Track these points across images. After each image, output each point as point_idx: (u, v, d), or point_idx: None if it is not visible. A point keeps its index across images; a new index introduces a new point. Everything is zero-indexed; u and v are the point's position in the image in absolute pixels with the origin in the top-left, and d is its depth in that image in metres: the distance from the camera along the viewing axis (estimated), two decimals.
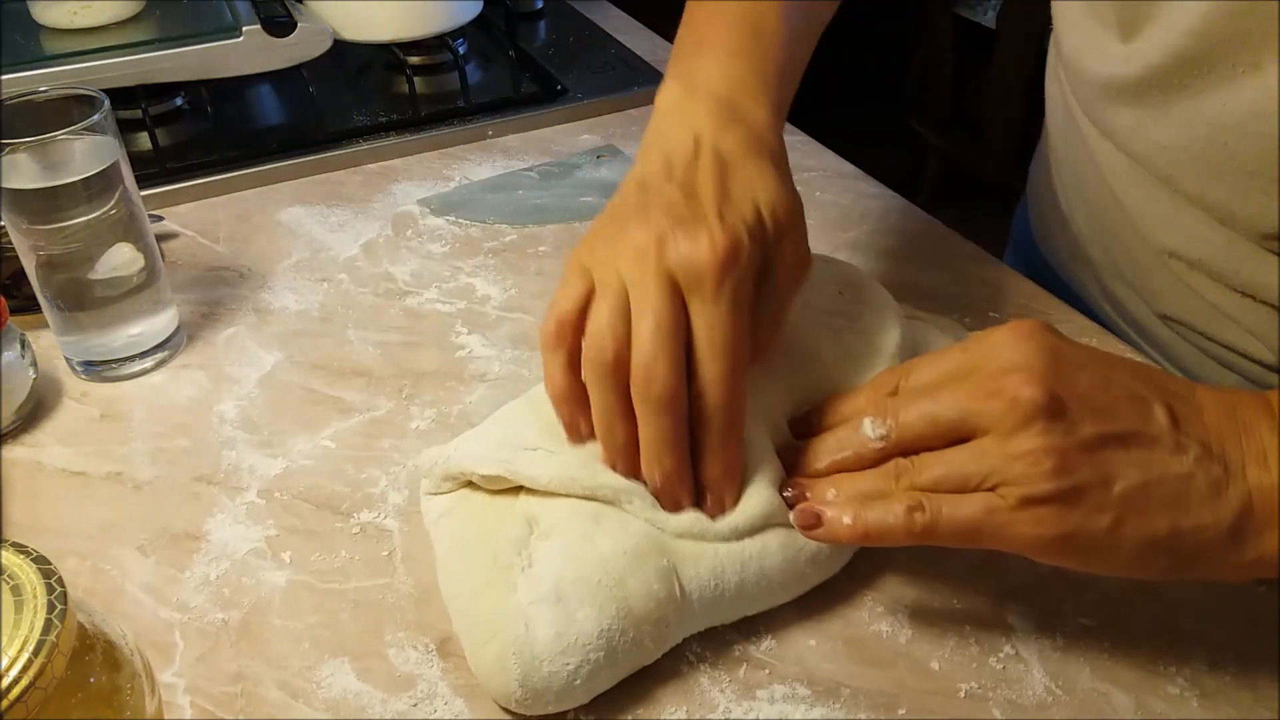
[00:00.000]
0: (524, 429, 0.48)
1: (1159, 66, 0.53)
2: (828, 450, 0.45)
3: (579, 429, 0.46)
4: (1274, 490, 0.39)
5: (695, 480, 0.45)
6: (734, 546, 0.45)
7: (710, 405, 0.43)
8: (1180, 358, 0.64)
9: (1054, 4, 0.65)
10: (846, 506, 0.42)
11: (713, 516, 0.44)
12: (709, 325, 0.42)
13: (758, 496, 0.45)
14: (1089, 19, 0.59)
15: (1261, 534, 0.39)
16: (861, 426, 0.44)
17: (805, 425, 0.48)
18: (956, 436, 0.41)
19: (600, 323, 0.43)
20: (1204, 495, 0.39)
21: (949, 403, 0.41)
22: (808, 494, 0.45)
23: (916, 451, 0.42)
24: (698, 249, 0.42)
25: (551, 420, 0.47)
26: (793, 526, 0.45)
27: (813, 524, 0.43)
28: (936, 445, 0.42)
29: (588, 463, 0.45)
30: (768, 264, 0.45)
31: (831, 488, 0.44)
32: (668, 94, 0.51)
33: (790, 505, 0.45)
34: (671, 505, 0.44)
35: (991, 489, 0.40)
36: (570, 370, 0.44)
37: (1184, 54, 0.51)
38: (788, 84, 0.52)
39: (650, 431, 0.43)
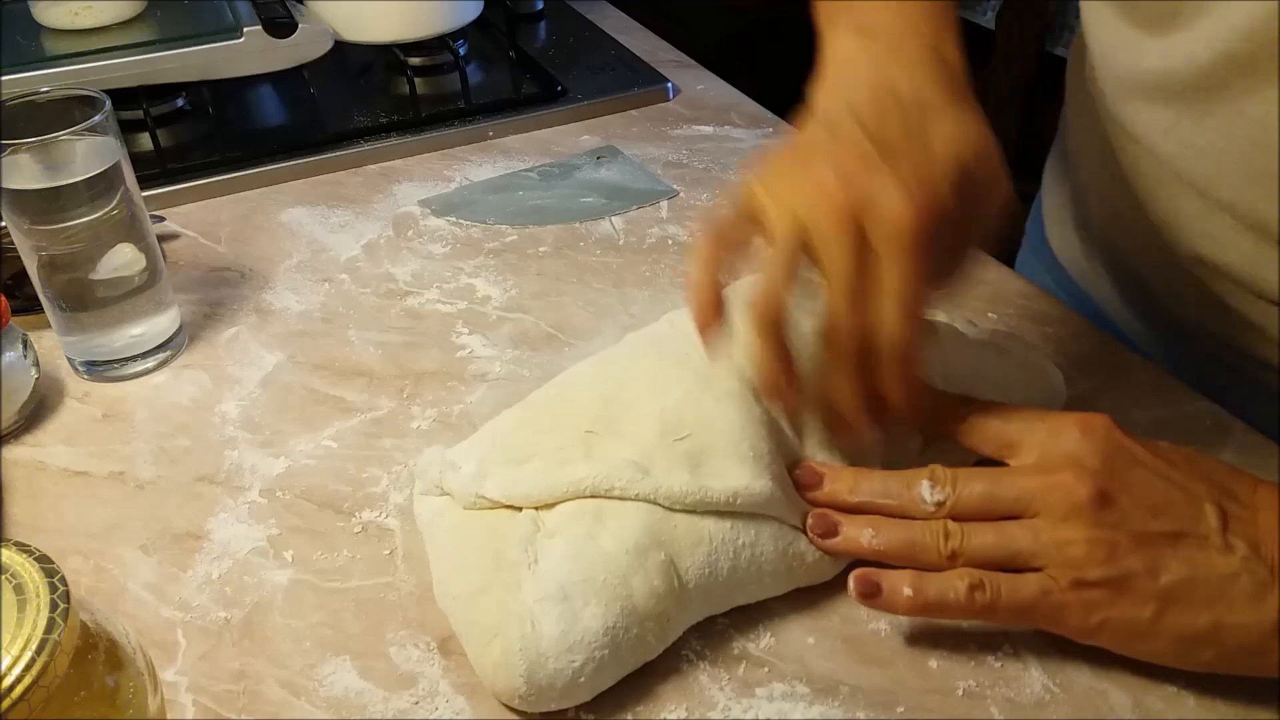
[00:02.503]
0: (517, 436, 0.48)
1: (1203, 64, 0.50)
2: (871, 489, 0.45)
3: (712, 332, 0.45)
4: None
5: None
6: (728, 534, 0.45)
7: (889, 356, 0.42)
8: (1190, 367, 0.63)
9: (1082, 8, 0.63)
10: (905, 578, 0.43)
11: (904, 437, 0.45)
12: (898, 286, 0.41)
13: (760, 482, 0.45)
14: (1116, 15, 0.57)
15: None
16: (919, 487, 0.44)
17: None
18: (1008, 516, 0.43)
19: (772, 275, 0.43)
20: (1248, 595, 0.40)
21: (1008, 484, 0.43)
22: (841, 528, 0.45)
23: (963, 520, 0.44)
24: (894, 210, 0.40)
25: (549, 423, 0.47)
26: (787, 524, 0.46)
27: (872, 592, 0.43)
28: (985, 520, 0.43)
29: (570, 463, 0.46)
30: (966, 218, 0.43)
31: (869, 528, 0.45)
32: (842, 43, 0.47)
33: (817, 534, 0.45)
34: (851, 430, 0.45)
35: (1038, 569, 0.41)
36: (711, 282, 0.45)
37: (1231, 53, 0.49)
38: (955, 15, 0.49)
39: (839, 385, 0.44)
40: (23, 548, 0.34)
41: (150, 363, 0.63)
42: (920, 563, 0.44)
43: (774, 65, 0.60)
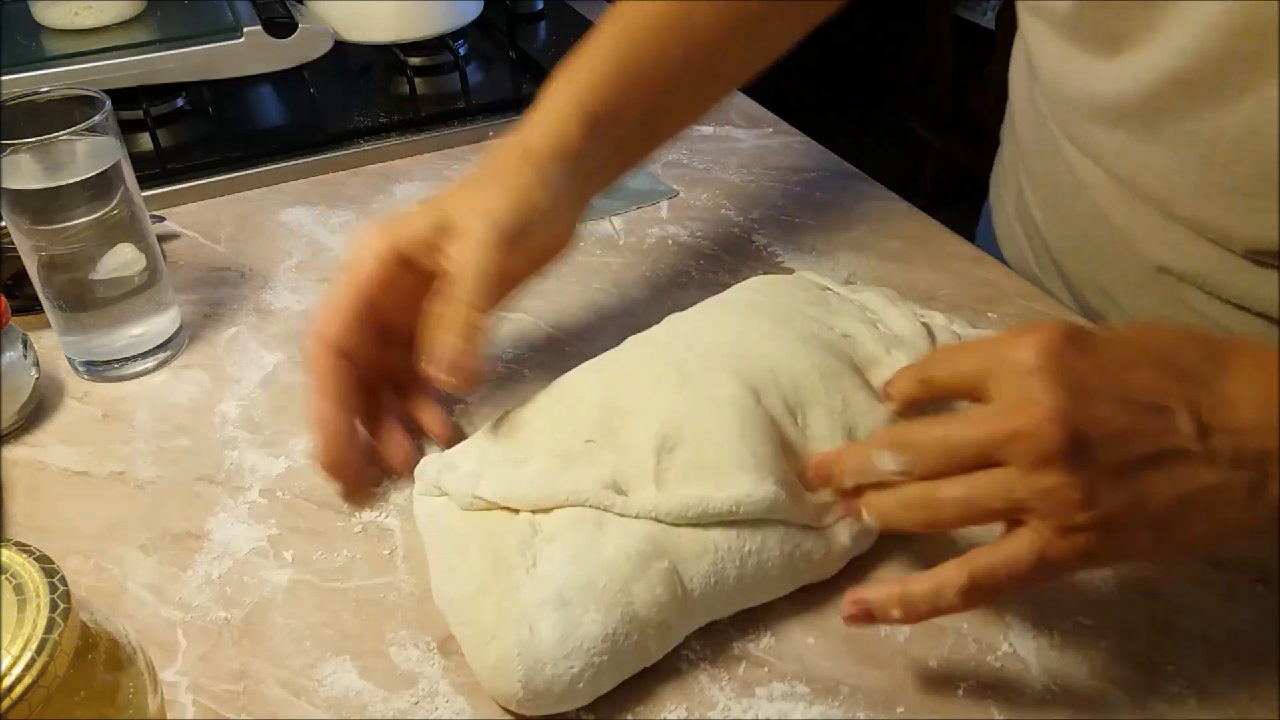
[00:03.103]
0: (517, 438, 0.48)
1: (1149, 86, 0.51)
2: (848, 474, 0.44)
3: None
4: None
5: None
6: (734, 542, 0.45)
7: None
8: None
9: (1021, 21, 0.64)
10: (892, 600, 0.41)
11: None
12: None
13: (764, 488, 0.45)
14: (1060, 38, 0.58)
15: None
16: (880, 459, 0.42)
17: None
18: (976, 468, 0.40)
19: None
20: (1241, 499, 0.38)
21: (968, 438, 0.40)
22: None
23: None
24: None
25: (549, 426, 0.47)
26: (792, 525, 0.45)
27: (864, 619, 0.41)
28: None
29: (570, 471, 0.46)
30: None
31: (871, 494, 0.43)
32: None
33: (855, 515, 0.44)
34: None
35: (1018, 523, 0.39)
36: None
37: (1177, 74, 0.50)
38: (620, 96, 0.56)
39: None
40: (23, 548, 0.34)
41: (150, 363, 0.63)
42: (906, 528, 0.42)
43: (774, 65, 0.60)
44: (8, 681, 0.30)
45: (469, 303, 0.48)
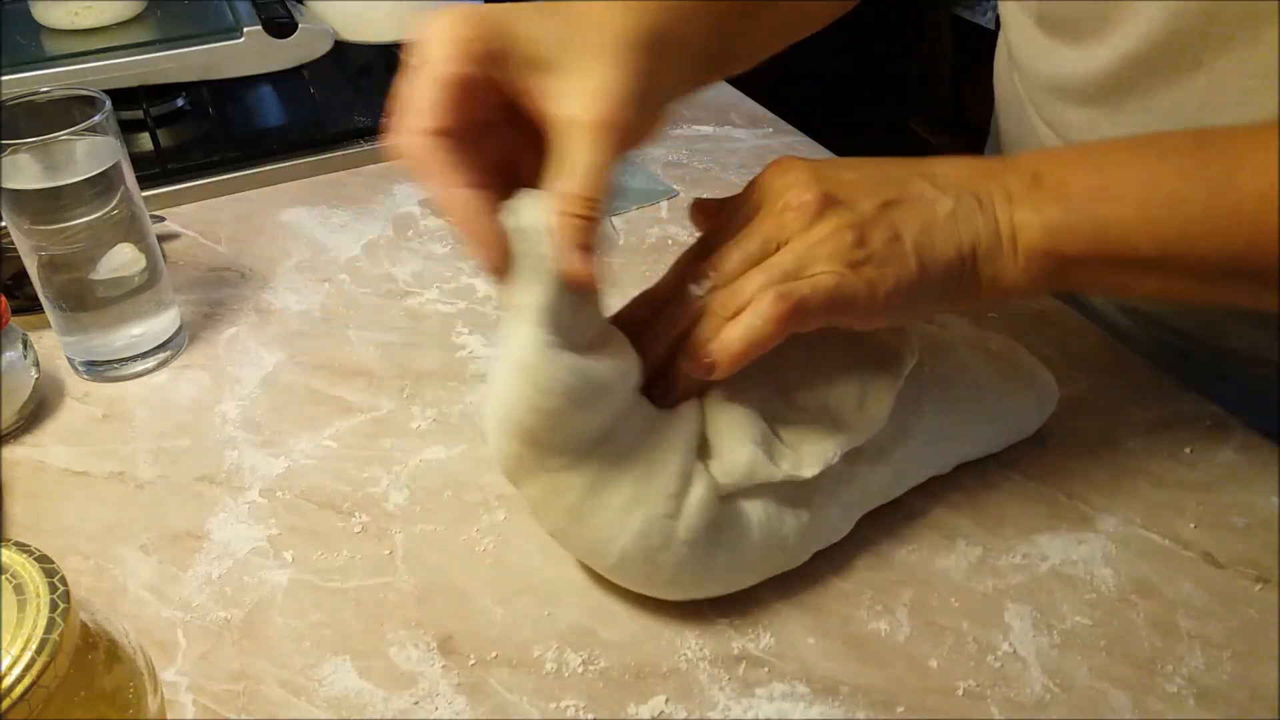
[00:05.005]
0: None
1: (1112, 68, 0.55)
2: (663, 330, 0.46)
3: None
4: (1012, 216, 0.45)
5: None
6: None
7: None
8: (1144, 347, 0.64)
9: (1001, 10, 0.67)
10: (728, 331, 0.44)
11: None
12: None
13: (745, 451, 0.45)
14: (1034, 26, 0.61)
15: (1021, 235, 0.45)
16: (688, 292, 0.46)
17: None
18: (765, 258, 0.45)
19: None
20: (970, 216, 0.45)
21: (750, 235, 0.46)
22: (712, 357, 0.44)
23: None
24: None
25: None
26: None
27: (709, 367, 0.44)
28: None
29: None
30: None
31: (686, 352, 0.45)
32: None
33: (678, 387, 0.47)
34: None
35: (813, 276, 0.44)
36: None
37: (1135, 56, 0.53)
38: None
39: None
40: (23, 548, 0.34)
41: (150, 363, 0.63)
42: (743, 347, 0.44)
43: (774, 65, 0.59)
44: (8, 681, 0.30)
45: (585, 196, 0.42)
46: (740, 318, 0.43)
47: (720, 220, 0.48)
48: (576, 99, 0.42)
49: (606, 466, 0.44)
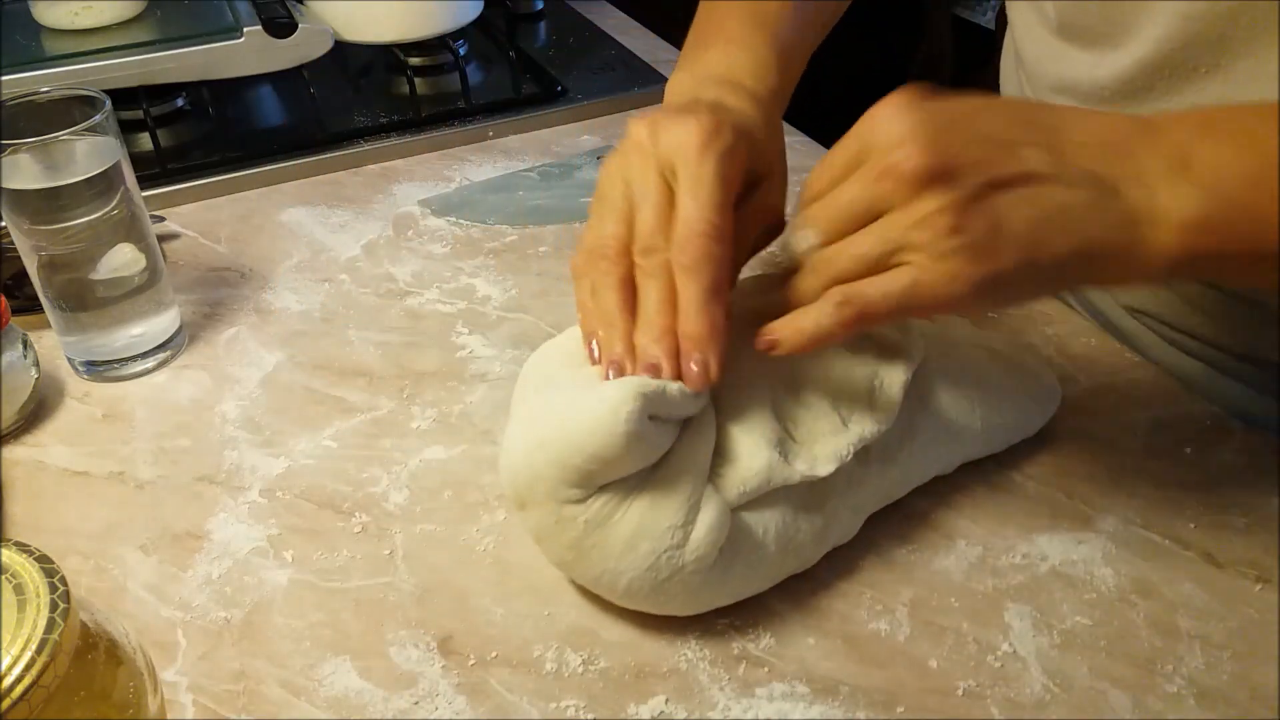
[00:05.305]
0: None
1: (1127, 73, 0.54)
2: (780, 284, 0.45)
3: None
4: (1151, 206, 0.40)
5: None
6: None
7: (691, 258, 0.43)
8: (1147, 348, 0.64)
9: (1009, 10, 0.67)
10: (787, 323, 0.43)
11: (696, 383, 0.43)
12: (692, 181, 0.43)
13: (762, 456, 0.45)
14: (1046, 28, 0.61)
15: (1155, 231, 0.40)
16: (798, 240, 0.44)
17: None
18: (871, 220, 0.42)
19: (602, 227, 0.45)
20: (1096, 214, 0.40)
21: (853, 194, 0.42)
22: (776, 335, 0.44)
23: None
24: (684, 131, 0.44)
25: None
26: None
27: (772, 346, 0.43)
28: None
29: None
30: (751, 179, 0.47)
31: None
32: (676, 82, 0.54)
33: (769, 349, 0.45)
34: (653, 369, 0.43)
35: (904, 263, 0.41)
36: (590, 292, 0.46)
37: (1152, 61, 0.53)
38: (792, 65, 0.55)
39: (648, 297, 0.44)
40: (23, 548, 0.34)
41: (150, 363, 0.63)
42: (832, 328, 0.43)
43: None
44: (8, 681, 0.30)
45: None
46: (809, 312, 0.43)
47: (830, 156, 0.45)
48: None
49: (613, 500, 0.43)
